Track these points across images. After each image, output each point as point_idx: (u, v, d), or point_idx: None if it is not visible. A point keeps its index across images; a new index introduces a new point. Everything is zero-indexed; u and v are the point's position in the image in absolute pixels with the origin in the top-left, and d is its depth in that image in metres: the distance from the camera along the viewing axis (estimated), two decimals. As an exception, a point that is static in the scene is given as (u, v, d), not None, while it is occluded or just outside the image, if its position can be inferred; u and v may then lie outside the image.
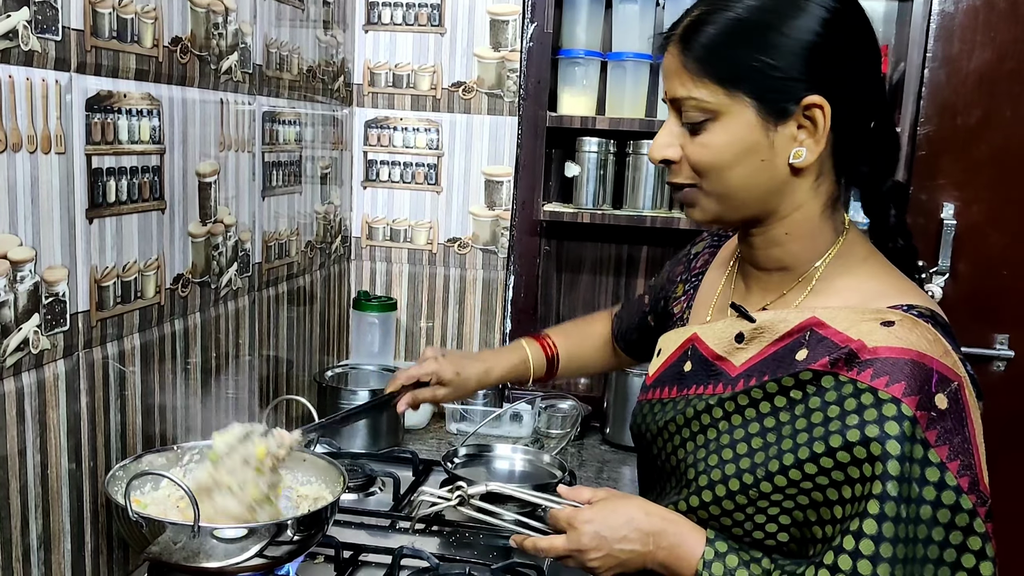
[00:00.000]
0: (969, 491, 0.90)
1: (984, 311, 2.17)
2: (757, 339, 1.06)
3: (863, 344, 0.95)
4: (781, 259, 1.07)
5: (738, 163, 0.99)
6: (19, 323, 1.06)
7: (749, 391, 1.03)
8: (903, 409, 0.90)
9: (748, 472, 1.00)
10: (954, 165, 2.13)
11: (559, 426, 2.03)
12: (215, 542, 1.09)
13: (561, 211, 2.12)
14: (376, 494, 1.66)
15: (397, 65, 2.17)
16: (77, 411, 1.17)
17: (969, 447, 0.91)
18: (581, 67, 2.10)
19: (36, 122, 1.06)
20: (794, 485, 0.96)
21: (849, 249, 1.05)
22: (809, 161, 0.99)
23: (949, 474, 0.90)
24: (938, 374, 0.92)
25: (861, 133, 1.03)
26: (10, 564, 1.07)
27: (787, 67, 0.96)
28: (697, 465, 1.05)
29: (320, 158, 1.97)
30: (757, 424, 1.01)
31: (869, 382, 0.93)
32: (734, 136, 0.99)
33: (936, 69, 2.11)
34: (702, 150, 1.00)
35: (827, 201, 1.04)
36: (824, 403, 0.96)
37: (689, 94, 0.99)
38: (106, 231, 1.21)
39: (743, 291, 1.13)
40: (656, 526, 1.02)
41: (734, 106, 0.98)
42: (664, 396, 1.15)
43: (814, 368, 0.97)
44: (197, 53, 1.40)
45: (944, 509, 0.90)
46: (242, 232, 1.60)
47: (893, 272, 1.06)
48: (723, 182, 1.01)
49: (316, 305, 2.01)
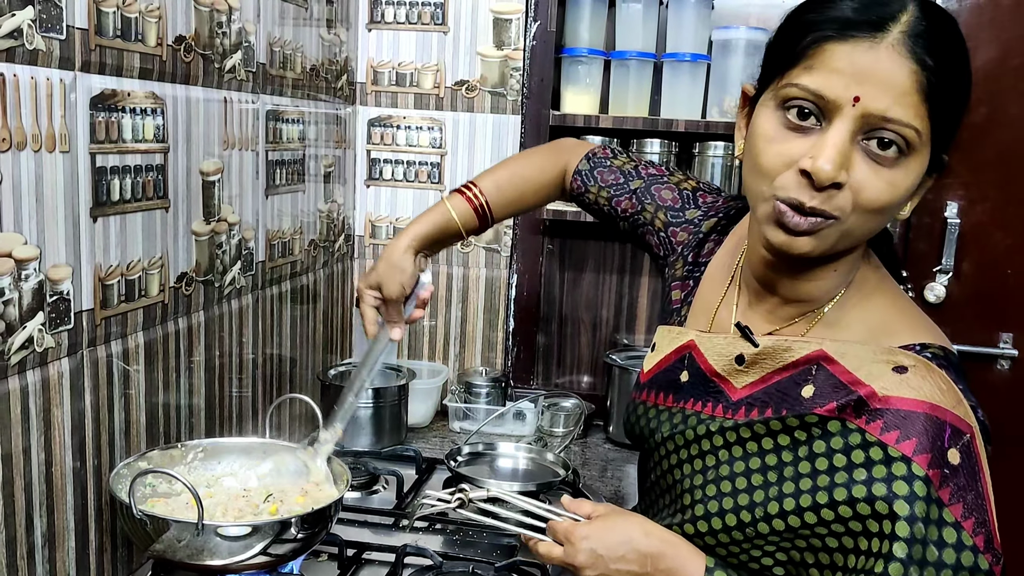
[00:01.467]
0: (985, 550, 0.86)
1: (988, 310, 2.16)
2: (759, 364, 1.01)
3: (873, 392, 0.90)
4: (810, 292, 0.99)
5: (895, 207, 0.89)
6: (23, 321, 1.06)
7: (752, 424, 0.99)
8: (914, 469, 0.87)
9: (746, 510, 0.97)
10: (959, 164, 2.13)
11: (562, 424, 2.03)
12: (219, 540, 1.09)
13: (564, 209, 2.12)
14: (379, 492, 1.67)
15: (400, 64, 2.17)
16: (81, 409, 1.17)
17: (983, 502, 0.88)
18: (584, 66, 2.10)
19: (40, 121, 1.06)
20: (792, 531, 0.94)
21: (863, 278, 1.00)
22: (910, 212, 0.93)
23: (965, 533, 0.86)
24: (951, 427, 0.88)
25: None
26: (15, 562, 1.07)
27: (962, 117, 0.88)
28: (694, 492, 1.03)
29: (323, 157, 1.97)
30: (759, 460, 0.98)
31: (879, 435, 0.89)
32: (911, 179, 0.88)
33: (940, 67, 2.11)
34: (889, 189, 0.86)
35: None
36: (830, 450, 0.92)
37: (910, 121, 0.84)
38: (110, 229, 1.21)
39: (745, 306, 1.07)
40: (655, 548, 0.99)
41: (924, 148, 0.87)
42: (660, 403, 1.12)
43: (820, 413, 0.93)
44: (201, 52, 1.40)
45: (964, 571, 0.86)
46: (245, 230, 1.60)
47: (903, 302, 1.01)
48: (875, 225, 0.91)
49: (319, 304, 2.01)
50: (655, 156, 2.06)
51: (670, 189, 1.28)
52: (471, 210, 1.35)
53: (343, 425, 1.31)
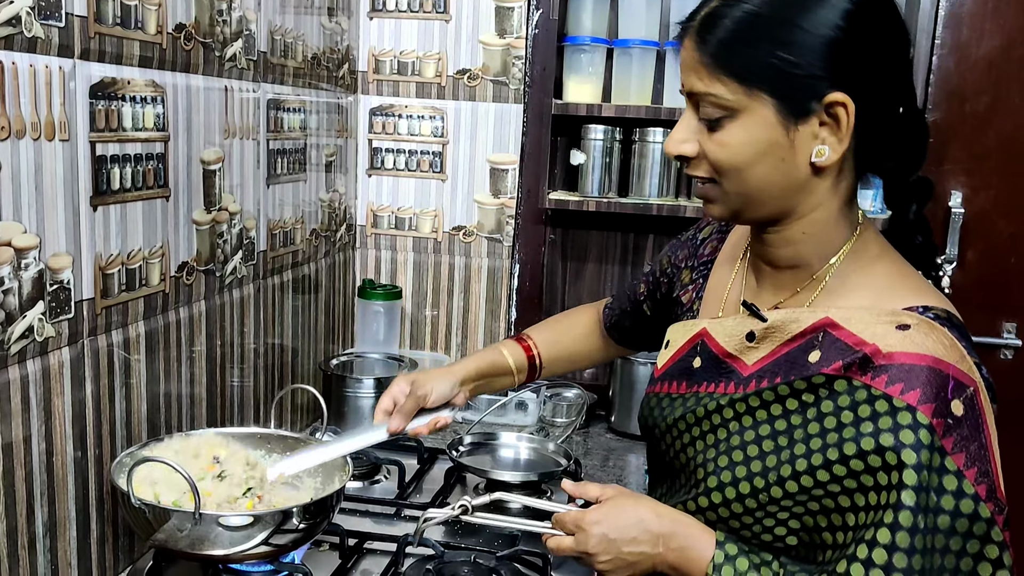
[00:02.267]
0: (987, 499, 0.88)
1: (992, 299, 2.16)
2: (769, 338, 1.04)
3: (877, 349, 0.93)
4: (795, 257, 1.04)
5: (757, 162, 0.96)
6: (23, 311, 1.05)
7: (760, 392, 1.01)
8: (919, 417, 0.89)
9: (759, 476, 0.98)
10: (962, 152, 2.12)
11: (564, 414, 2.03)
12: (220, 529, 1.09)
13: (566, 199, 2.11)
14: (381, 482, 1.67)
15: (402, 52, 2.16)
16: (82, 399, 1.17)
17: (986, 453, 0.90)
18: (587, 54, 2.09)
19: (40, 109, 1.05)
20: (805, 492, 0.95)
21: (863, 246, 1.03)
22: (832, 160, 0.96)
23: (967, 482, 0.88)
24: (954, 380, 0.91)
25: (887, 128, 0.99)
26: (16, 552, 1.07)
27: (808, 63, 0.92)
28: (707, 465, 1.04)
29: (325, 146, 1.97)
30: (768, 426, 1.00)
31: (884, 389, 0.91)
32: (753, 135, 0.95)
33: (945, 56, 2.10)
34: (720, 148, 0.97)
35: (846, 198, 1.01)
36: (837, 408, 0.94)
37: (707, 90, 0.96)
38: (110, 219, 1.20)
39: (754, 287, 1.11)
40: (666, 528, 1.01)
41: (753, 104, 0.95)
42: (673, 391, 1.14)
43: (827, 372, 0.96)
44: (201, 40, 1.39)
45: (963, 518, 0.88)
46: (247, 220, 1.60)
47: (907, 269, 1.03)
48: (742, 181, 0.98)
49: (321, 293, 2.01)
50: (657, 145, 2.05)
51: (670, 246, 1.35)
52: (525, 358, 1.42)
53: (293, 471, 1.28)
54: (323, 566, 1.31)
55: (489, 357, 1.40)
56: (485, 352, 1.43)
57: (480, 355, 1.42)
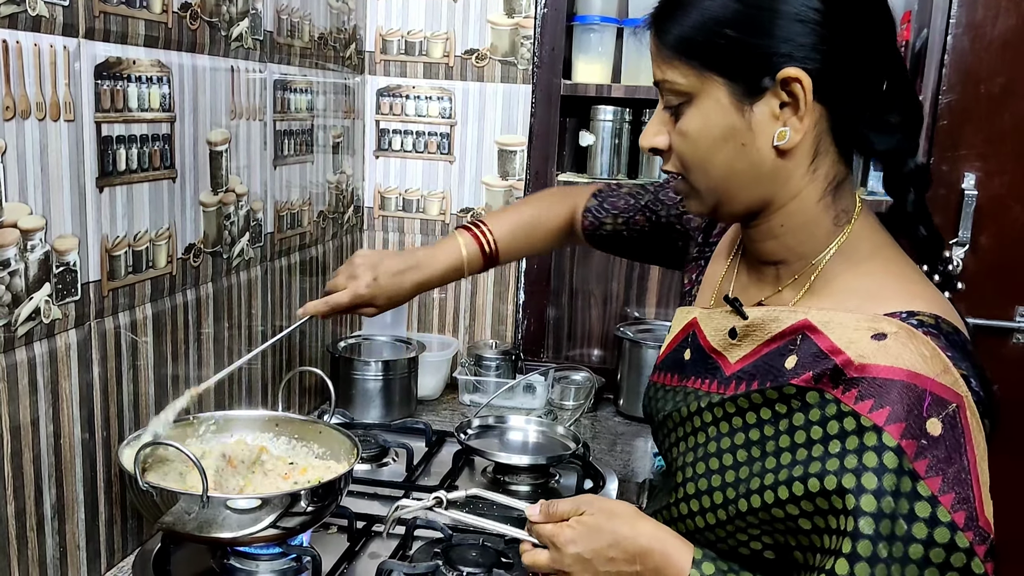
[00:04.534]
0: (965, 527, 0.81)
1: (1005, 284, 2.14)
2: (750, 337, 0.99)
3: (849, 360, 0.87)
4: (777, 252, 1.00)
5: (718, 150, 0.93)
6: (30, 293, 1.05)
7: (736, 399, 0.97)
8: (884, 439, 0.83)
9: (731, 487, 0.95)
10: (976, 135, 2.09)
11: (573, 398, 2.02)
12: (228, 512, 1.08)
13: (575, 181, 2.09)
14: (389, 465, 1.66)
15: (409, 32, 2.14)
16: (89, 381, 1.17)
17: (967, 478, 0.82)
18: (596, 34, 2.07)
19: (44, 89, 1.04)
20: (768, 509, 0.91)
21: (854, 242, 0.96)
22: (795, 141, 0.91)
23: (942, 509, 0.81)
24: (932, 396, 0.83)
25: (866, 104, 0.93)
26: (24, 533, 1.07)
27: (757, 40, 0.89)
28: (685, 470, 1.02)
29: (332, 127, 1.95)
30: (743, 435, 0.96)
31: (853, 405, 0.86)
32: (709, 121, 0.92)
33: (960, 35, 2.07)
34: (681, 139, 0.95)
35: (827, 187, 0.95)
36: (808, 422, 0.89)
37: (664, 76, 0.95)
38: (117, 200, 1.20)
39: (744, 281, 1.07)
40: (643, 546, 0.95)
41: (706, 87, 0.92)
42: (668, 383, 1.11)
43: (798, 384, 0.90)
44: (207, 19, 1.38)
45: (938, 548, 0.81)
46: (254, 202, 1.59)
47: (903, 268, 0.96)
48: (706, 172, 0.95)
49: (328, 275, 2.00)
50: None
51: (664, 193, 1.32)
52: (479, 250, 1.40)
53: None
54: (331, 549, 1.31)
55: (451, 260, 1.39)
56: (447, 252, 1.40)
57: (443, 256, 1.40)
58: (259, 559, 1.22)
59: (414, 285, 1.39)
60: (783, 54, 0.88)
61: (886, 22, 0.94)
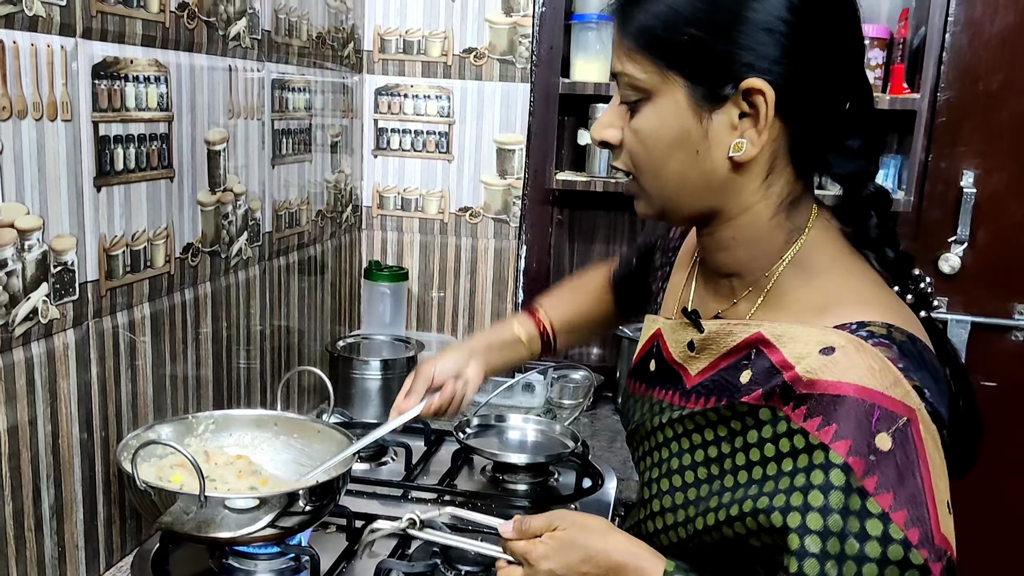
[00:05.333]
0: (920, 545, 0.79)
1: (1003, 281, 2.14)
2: (707, 350, 0.98)
3: (798, 376, 0.85)
4: (730, 264, 0.97)
5: (670, 154, 0.90)
6: (27, 292, 1.05)
7: (694, 415, 0.96)
8: (831, 456, 0.81)
9: (692, 504, 0.94)
10: (975, 132, 2.10)
11: (571, 396, 2.02)
12: (227, 512, 1.08)
13: (574, 179, 2.10)
14: (388, 464, 1.66)
15: (408, 31, 2.14)
16: (88, 381, 1.17)
17: (920, 495, 0.80)
18: (595, 32, 2.06)
19: (42, 89, 1.04)
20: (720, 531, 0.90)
21: (807, 255, 0.94)
22: (751, 155, 0.88)
23: (894, 526, 0.79)
24: (881, 410, 0.81)
25: (828, 126, 0.91)
26: (23, 534, 1.07)
27: (723, 45, 0.85)
28: (651, 486, 1.01)
29: (330, 126, 1.95)
30: (702, 452, 0.95)
31: (801, 423, 0.84)
32: (664, 122, 0.89)
33: (958, 33, 2.07)
34: (633, 137, 0.92)
35: (780, 203, 0.92)
36: (761, 439, 0.88)
37: (623, 69, 0.91)
38: (114, 200, 1.19)
39: (702, 293, 1.05)
40: (615, 560, 0.94)
41: (665, 87, 0.89)
42: (637, 391, 1.11)
43: (749, 402, 0.89)
44: (204, 19, 1.38)
45: (892, 566, 0.79)
46: (252, 201, 1.58)
47: (860, 279, 0.93)
48: (657, 176, 0.93)
49: (327, 275, 2.00)
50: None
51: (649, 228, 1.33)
52: (537, 332, 1.40)
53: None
54: (330, 548, 1.31)
55: (499, 330, 1.41)
56: (496, 327, 1.43)
57: (490, 329, 1.43)
58: (258, 559, 1.22)
59: (488, 370, 1.37)
60: (746, 63, 0.85)
61: (855, 41, 0.92)
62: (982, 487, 1.71)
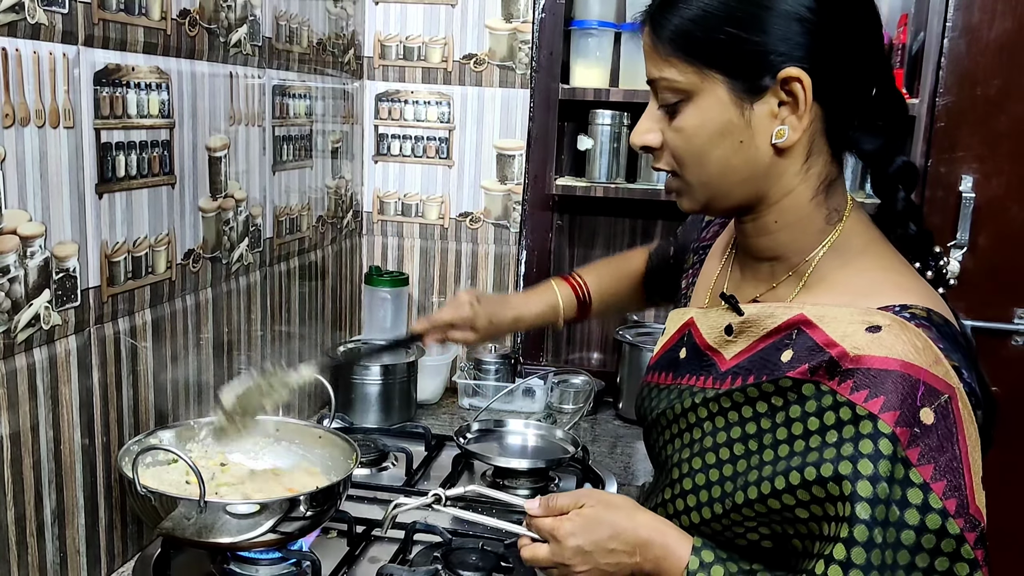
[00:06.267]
0: (956, 514, 0.83)
1: (1003, 285, 2.14)
2: (746, 333, 1.00)
3: (845, 352, 0.89)
4: (771, 249, 1.01)
5: (715, 147, 0.94)
6: (30, 299, 1.05)
7: (732, 393, 0.98)
8: (880, 426, 0.84)
9: (730, 480, 0.96)
10: (973, 137, 2.10)
11: (572, 401, 2.03)
12: (228, 517, 1.09)
13: (574, 185, 2.10)
14: (389, 469, 1.67)
15: (408, 37, 2.14)
16: (89, 387, 1.17)
17: (959, 466, 0.84)
18: (594, 38, 2.07)
19: (44, 96, 1.05)
20: (765, 500, 0.92)
21: (846, 239, 0.98)
22: (793, 140, 0.92)
23: (933, 496, 0.83)
24: (925, 385, 0.85)
25: (857, 106, 0.96)
26: (24, 539, 1.08)
27: (759, 38, 0.90)
28: (681, 466, 1.02)
29: (331, 132, 1.96)
30: (740, 429, 0.97)
31: (848, 395, 0.87)
32: (707, 117, 0.93)
33: (956, 39, 2.07)
34: (676, 135, 0.96)
35: (819, 185, 0.97)
36: (804, 414, 0.91)
37: (661, 74, 0.95)
38: (116, 206, 1.20)
39: (738, 279, 1.08)
40: (642, 537, 0.96)
41: (705, 85, 0.92)
42: (661, 382, 1.12)
43: (793, 376, 0.92)
44: (206, 26, 1.38)
45: (929, 534, 0.83)
46: (253, 207, 1.59)
47: (894, 264, 0.98)
48: (702, 169, 0.96)
49: (328, 280, 2.00)
50: (666, 130, 2.03)
51: (688, 222, 1.37)
52: (571, 292, 1.47)
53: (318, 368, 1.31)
54: (331, 553, 1.31)
55: (546, 303, 1.46)
56: (543, 295, 1.48)
57: (540, 299, 1.47)
58: (259, 564, 1.22)
59: (515, 316, 1.45)
60: (782, 53, 0.90)
61: (875, 25, 0.96)
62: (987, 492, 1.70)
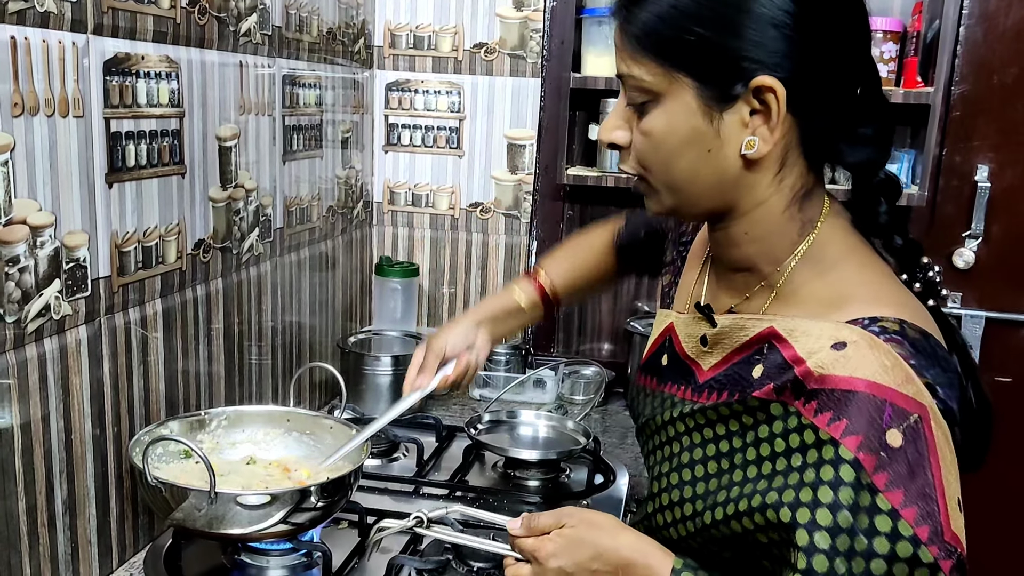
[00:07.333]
0: (929, 542, 0.78)
1: (1018, 276, 2.12)
2: (720, 345, 0.98)
3: (809, 371, 0.85)
4: (743, 259, 0.96)
5: (681, 155, 0.89)
6: (40, 289, 1.05)
7: (706, 410, 0.96)
8: (841, 452, 0.81)
9: (700, 499, 0.94)
10: (989, 126, 2.08)
11: (583, 392, 2.02)
12: (239, 508, 1.09)
13: (585, 175, 2.09)
14: (399, 460, 1.66)
15: (418, 26, 2.13)
16: (100, 377, 1.17)
17: (931, 492, 0.79)
18: (606, 26, 2.04)
19: (53, 85, 1.04)
20: (727, 525, 0.90)
21: (820, 249, 0.93)
22: (763, 152, 0.87)
23: (903, 523, 0.78)
24: (892, 406, 0.80)
25: (838, 116, 0.90)
26: (36, 529, 1.08)
27: (731, 43, 0.84)
28: (660, 480, 1.01)
29: (341, 122, 1.95)
30: (714, 447, 0.95)
31: (812, 418, 0.84)
32: (674, 123, 0.88)
33: (972, 26, 2.05)
34: (643, 139, 0.91)
35: (793, 196, 0.92)
36: (772, 434, 0.88)
37: (629, 71, 0.89)
38: (126, 196, 1.20)
39: (714, 286, 1.04)
40: (624, 557, 0.93)
41: (673, 88, 0.87)
42: (648, 385, 1.11)
43: (760, 396, 0.89)
44: (215, 14, 1.37)
45: (900, 563, 0.78)
46: (263, 197, 1.58)
47: (872, 273, 0.93)
48: (668, 175, 0.91)
49: (338, 271, 2.00)
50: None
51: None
52: (538, 296, 1.40)
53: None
54: (342, 544, 1.31)
55: (501, 299, 1.41)
56: (498, 295, 1.43)
57: (492, 298, 1.43)
58: (270, 554, 1.22)
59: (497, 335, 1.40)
60: (755, 60, 0.84)
61: (861, 28, 0.90)
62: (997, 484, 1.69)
